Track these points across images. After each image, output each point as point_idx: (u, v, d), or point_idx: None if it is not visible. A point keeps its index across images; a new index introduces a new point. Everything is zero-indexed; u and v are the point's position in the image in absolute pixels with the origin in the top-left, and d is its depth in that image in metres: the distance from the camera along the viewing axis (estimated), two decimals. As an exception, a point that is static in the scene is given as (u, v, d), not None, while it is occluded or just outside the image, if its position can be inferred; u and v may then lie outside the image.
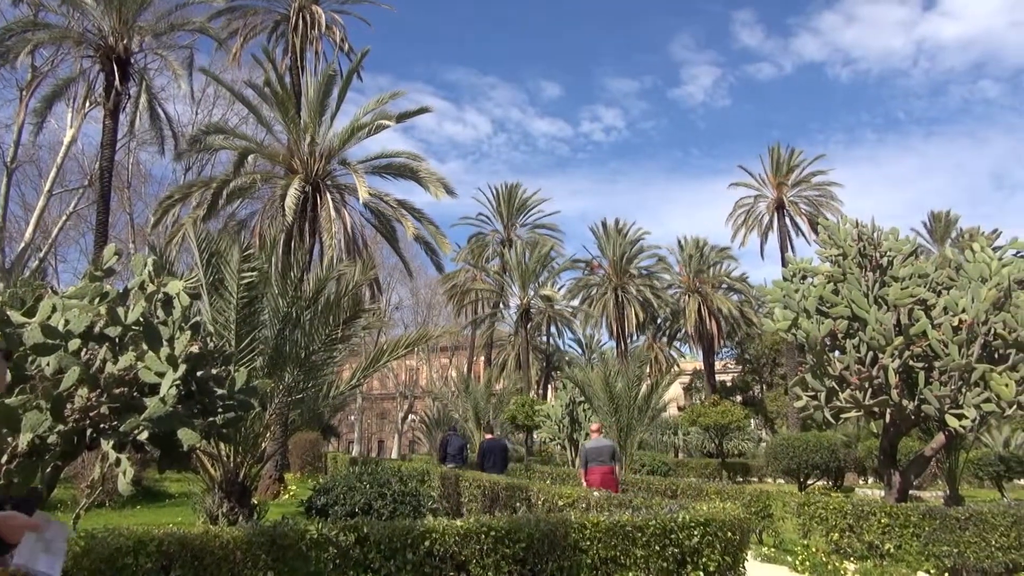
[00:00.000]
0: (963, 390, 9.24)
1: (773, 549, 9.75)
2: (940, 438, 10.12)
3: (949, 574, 8.07)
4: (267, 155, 20.74)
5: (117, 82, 20.54)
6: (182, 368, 4.51)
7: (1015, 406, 8.95)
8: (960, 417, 9.13)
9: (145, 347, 4.60)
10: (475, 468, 14.59)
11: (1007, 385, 8.86)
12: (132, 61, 21.53)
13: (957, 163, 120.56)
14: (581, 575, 5.19)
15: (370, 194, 18.66)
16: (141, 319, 4.69)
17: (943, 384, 9.26)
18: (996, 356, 9.42)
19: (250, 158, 20.35)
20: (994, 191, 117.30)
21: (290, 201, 17.56)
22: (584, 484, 11.52)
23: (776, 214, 39.71)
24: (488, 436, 15.49)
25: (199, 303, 7.56)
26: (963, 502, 11.19)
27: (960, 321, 9.25)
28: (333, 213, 19.07)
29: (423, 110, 21.40)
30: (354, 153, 21.23)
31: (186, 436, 4.49)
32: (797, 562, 8.70)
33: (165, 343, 4.65)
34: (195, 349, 4.78)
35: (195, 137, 20.91)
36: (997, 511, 8.62)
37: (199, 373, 4.87)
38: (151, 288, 5.12)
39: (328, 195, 19.43)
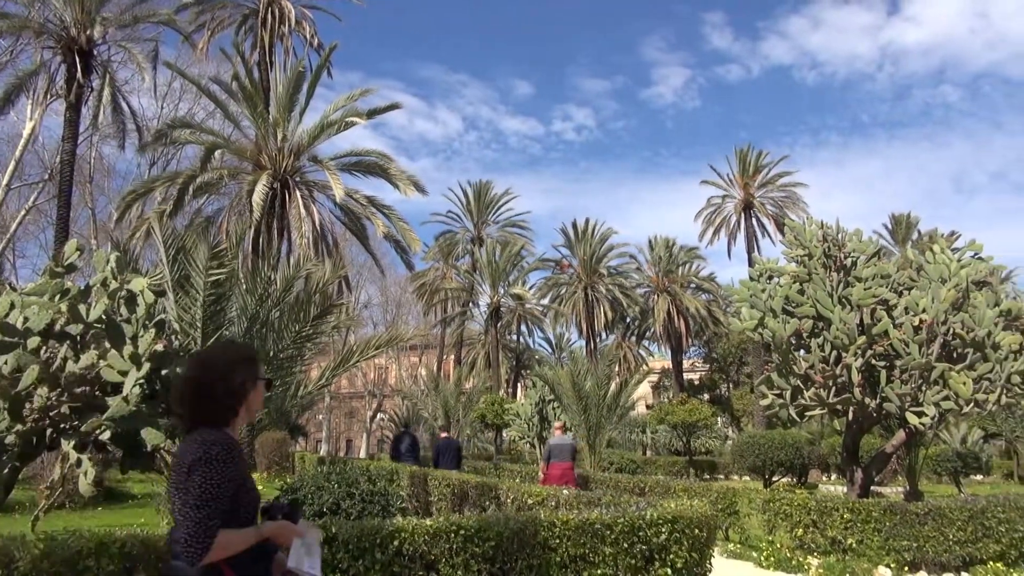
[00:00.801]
0: (923, 388, 9.45)
1: (739, 545, 9.89)
2: (901, 435, 10.34)
3: (909, 568, 8.25)
4: (235, 151, 20.46)
5: (79, 74, 20.10)
6: (146, 367, 4.44)
7: (972, 404, 9.18)
8: (920, 415, 9.34)
9: (108, 345, 4.52)
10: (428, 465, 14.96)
11: (965, 383, 9.08)
12: (95, 53, 21.08)
13: (918, 166, 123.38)
14: (550, 573, 5.20)
15: (343, 192, 18.53)
16: (103, 317, 4.60)
17: (904, 382, 9.46)
18: (955, 355, 9.65)
19: (217, 154, 20.05)
20: (954, 194, 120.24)
21: (258, 197, 17.35)
22: (542, 478, 12.21)
23: (743, 214, 40.25)
24: (443, 435, 16.11)
25: (164, 300, 7.44)
26: (922, 498, 11.44)
27: (920, 321, 9.46)
28: (302, 210, 18.89)
29: (393, 106, 21.31)
30: (324, 150, 21.07)
31: (150, 436, 4.42)
32: (762, 557, 8.83)
33: (128, 341, 4.57)
34: (160, 347, 4.70)
35: (160, 131, 20.55)
36: (954, 506, 8.83)
37: (164, 371, 4.79)
38: (114, 285, 5.02)
39: (297, 192, 19.24)
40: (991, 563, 8.72)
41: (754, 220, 40.14)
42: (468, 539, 5.00)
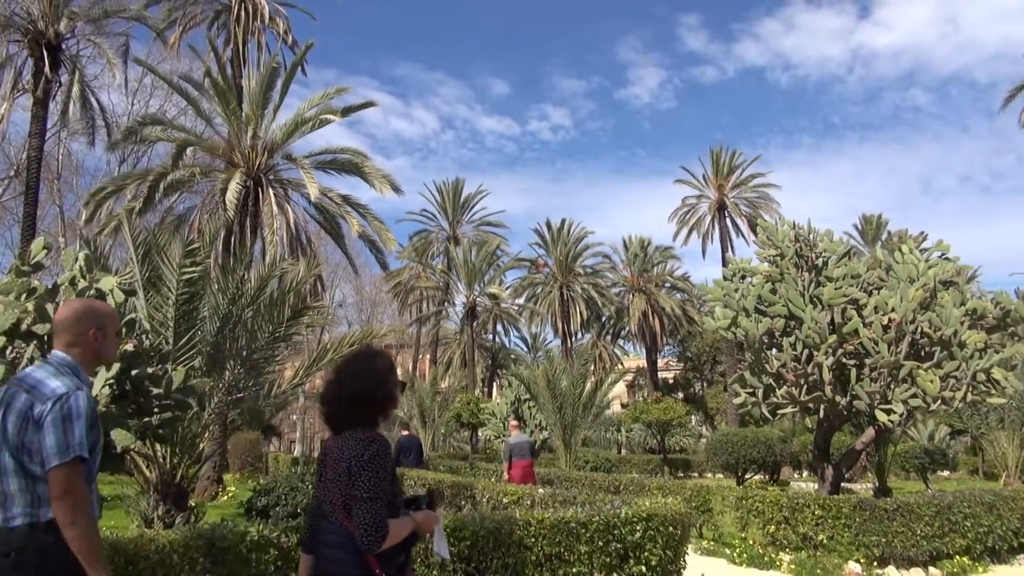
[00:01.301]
0: (892, 386, 9.61)
1: (712, 542, 9.98)
2: (870, 432, 10.51)
3: (878, 563, 8.38)
4: (207, 148, 20.20)
5: (47, 69, 19.70)
6: (116, 367, 4.37)
7: (939, 401, 9.37)
8: (889, 412, 9.50)
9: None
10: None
11: (932, 381, 9.25)
12: (63, 47, 20.68)
13: (889, 168, 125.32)
14: (526, 572, 5.22)
15: (317, 191, 18.38)
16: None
17: (873, 380, 9.62)
18: (922, 353, 9.83)
19: (189, 151, 19.78)
20: (922, 195, 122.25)
21: (231, 195, 17.15)
22: (506, 477, 12.38)
23: (717, 215, 40.64)
24: (404, 433, 16.25)
25: (134, 300, 7.33)
26: (891, 494, 11.64)
27: (889, 320, 9.62)
28: (276, 208, 18.71)
29: (367, 104, 21.18)
30: (298, 148, 20.87)
31: (120, 437, 4.35)
32: (735, 554, 8.92)
33: (98, 341, 4.49)
34: (130, 347, 4.63)
35: (131, 128, 20.21)
36: (922, 502, 9.00)
37: (134, 372, 4.72)
38: (83, 284, 4.94)
39: (271, 190, 19.05)
40: (957, 557, 8.91)
41: (728, 220, 40.55)
42: (443, 539, 4.99)
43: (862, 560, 8.23)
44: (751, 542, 9.10)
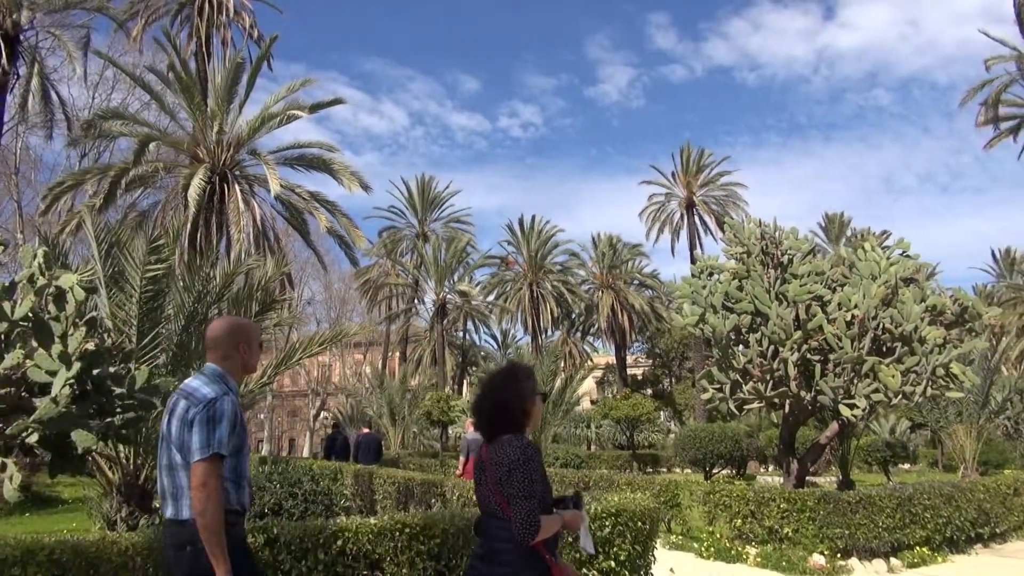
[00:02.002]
0: (855, 381, 9.78)
1: (681, 536, 10.09)
2: (834, 427, 10.70)
3: (841, 555, 8.54)
4: (170, 143, 19.84)
5: (4, 61, 19.17)
6: (76, 366, 4.27)
7: (900, 395, 9.56)
8: (852, 407, 9.66)
9: (35, 344, 4.33)
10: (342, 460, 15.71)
11: (893, 376, 9.43)
12: (21, 39, 20.13)
13: (852, 167, 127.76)
14: (496, 569, 5.21)
15: (282, 186, 18.14)
16: (30, 314, 4.40)
17: (837, 376, 9.79)
18: (884, 349, 10.01)
19: (152, 146, 19.39)
20: (884, 194, 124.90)
21: (194, 191, 16.86)
22: (459, 472, 12.78)
23: (686, 212, 41.02)
24: (364, 430, 16.49)
25: (96, 297, 7.17)
26: (854, 486, 11.85)
27: (852, 316, 9.78)
28: (242, 205, 18.45)
29: (336, 101, 20.96)
30: (265, 143, 20.60)
31: (81, 438, 4.25)
32: (703, 548, 9.03)
33: (57, 340, 4.38)
34: (91, 346, 4.52)
35: (90, 122, 19.74)
36: (884, 494, 9.19)
37: (96, 371, 4.61)
38: (42, 281, 4.81)
39: (236, 186, 18.77)
40: (917, 548, 9.12)
41: (696, 218, 40.96)
42: (413, 537, 4.98)
43: (826, 552, 8.38)
44: (718, 536, 9.22)
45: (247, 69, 19.41)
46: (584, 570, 5.57)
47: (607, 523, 5.73)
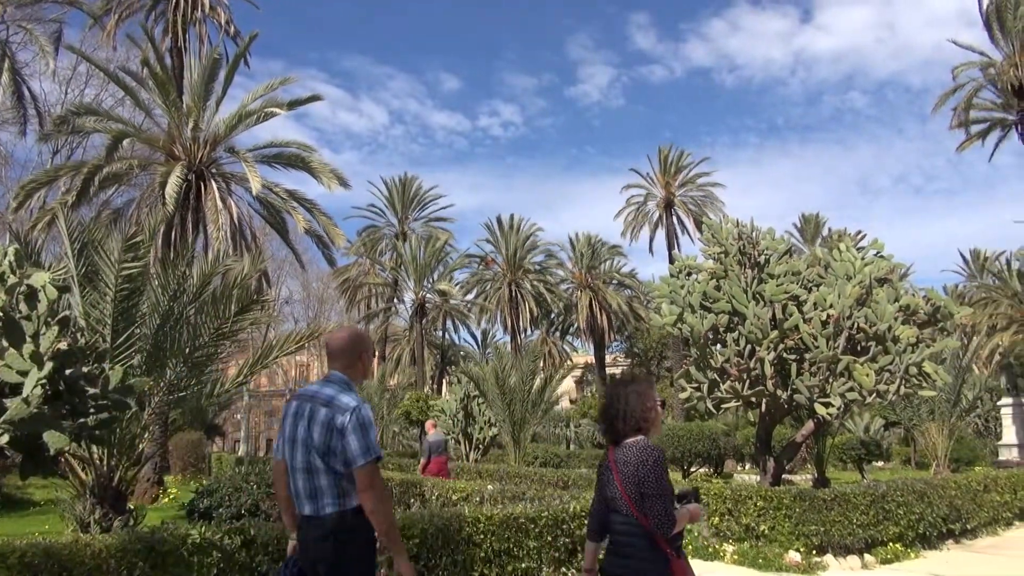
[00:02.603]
0: (830, 380, 9.90)
1: (659, 535, 10.11)
2: (810, 425, 10.82)
3: (816, 551, 8.63)
4: (145, 140, 19.57)
5: (-27, 55, 18.80)
6: (49, 366, 4.19)
7: (874, 394, 9.69)
8: (827, 405, 9.78)
9: (5, 344, 4.24)
10: None
11: (868, 375, 9.55)
12: (-9, 32, 19.76)
13: (828, 168, 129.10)
14: (475, 568, 5.22)
15: (261, 184, 17.98)
16: (1, 314, 4.32)
17: (813, 375, 9.90)
18: (859, 348, 10.14)
19: (127, 143, 19.11)
20: (860, 195, 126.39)
21: (171, 189, 16.65)
22: (422, 471, 13.35)
23: (664, 212, 41.28)
24: None
25: (69, 296, 7.06)
26: (829, 484, 12.02)
27: (828, 316, 9.89)
28: (219, 203, 18.26)
29: (314, 98, 20.83)
30: (243, 141, 20.43)
31: (53, 439, 4.18)
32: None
33: (29, 339, 4.30)
34: (64, 346, 4.45)
35: (63, 118, 19.40)
36: (858, 491, 9.31)
37: (69, 371, 4.54)
38: (12, 279, 4.72)
39: (213, 184, 18.57)
40: (891, 544, 9.25)
41: (675, 218, 41.23)
42: (392, 537, 4.95)
43: (801, 549, 8.46)
44: (696, 534, 9.27)
45: (224, 66, 19.22)
46: (563, 568, 5.59)
47: (586, 522, 5.75)
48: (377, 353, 44.28)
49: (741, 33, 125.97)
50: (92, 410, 4.65)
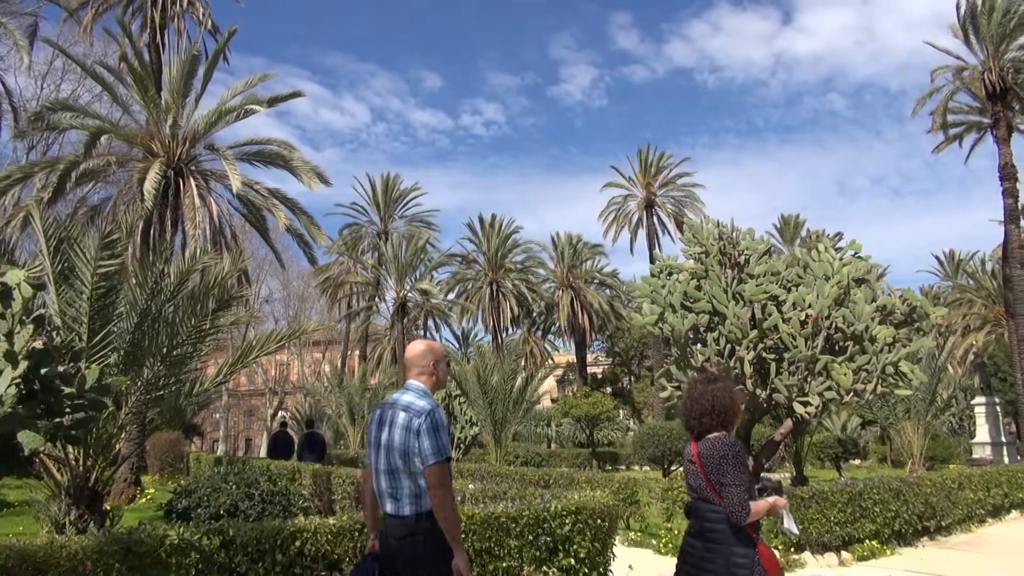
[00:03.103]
0: (808, 379, 10.00)
1: (639, 533, 10.18)
2: (788, 424, 10.92)
3: (795, 548, 8.72)
4: (123, 136, 19.30)
5: (-55, 48, 18.45)
6: (23, 365, 4.12)
7: (852, 393, 9.80)
8: (805, 404, 9.88)
9: (-21, 342, 4.17)
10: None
11: (845, 374, 9.65)
12: (-36, 26, 19.39)
13: (807, 169, 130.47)
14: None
15: (242, 182, 17.82)
16: (-26, 312, 4.25)
17: (791, 374, 9.99)
18: (836, 348, 10.25)
19: (104, 139, 18.85)
20: (838, 196, 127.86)
21: (149, 186, 16.44)
22: None
23: (645, 212, 41.46)
24: (308, 430, 17.02)
25: (44, 294, 6.96)
26: (807, 482, 12.13)
27: (807, 316, 9.98)
28: (198, 201, 18.07)
29: (295, 94, 20.65)
30: (222, 138, 20.20)
31: (27, 439, 4.11)
32: (661, 545, 9.13)
33: (3, 338, 4.23)
34: (39, 344, 4.38)
35: (38, 114, 19.08)
36: (835, 489, 9.42)
37: (44, 370, 4.47)
38: (-14, 278, 4.64)
39: (192, 181, 18.37)
40: (867, 541, 9.37)
41: (655, 218, 41.42)
42: (373, 537, 4.93)
43: (780, 547, 8.54)
44: (676, 532, 9.31)
45: (203, 62, 19.02)
46: (545, 567, 5.59)
47: (567, 521, 5.77)
48: (359, 352, 44.12)
49: (722, 34, 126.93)
50: (68, 409, 4.58)
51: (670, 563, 8.46)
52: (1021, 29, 25.30)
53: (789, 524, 3.70)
